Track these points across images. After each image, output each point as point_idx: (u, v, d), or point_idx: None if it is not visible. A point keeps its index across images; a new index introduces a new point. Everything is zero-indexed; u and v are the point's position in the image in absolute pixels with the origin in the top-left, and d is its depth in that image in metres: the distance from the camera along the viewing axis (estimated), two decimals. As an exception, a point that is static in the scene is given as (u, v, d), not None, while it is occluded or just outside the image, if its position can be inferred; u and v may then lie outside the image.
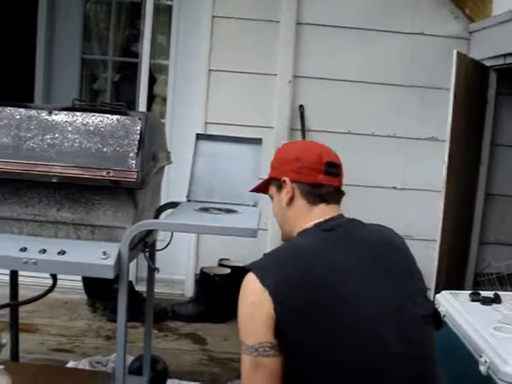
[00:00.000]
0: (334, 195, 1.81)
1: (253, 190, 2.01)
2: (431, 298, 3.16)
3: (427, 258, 3.30)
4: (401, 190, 3.78)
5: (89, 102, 4.27)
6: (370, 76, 3.73)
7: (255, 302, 1.53)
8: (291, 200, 1.77)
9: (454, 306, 2.47)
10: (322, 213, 1.75)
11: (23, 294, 2.67)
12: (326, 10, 3.71)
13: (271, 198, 1.87)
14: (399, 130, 3.76)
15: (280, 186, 1.80)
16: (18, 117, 2.14)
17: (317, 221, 1.72)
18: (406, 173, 3.77)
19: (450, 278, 3.37)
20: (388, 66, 3.75)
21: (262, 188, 1.93)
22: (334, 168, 1.82)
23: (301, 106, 3.71)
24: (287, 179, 1.77)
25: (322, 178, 1.77)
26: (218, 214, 2.27)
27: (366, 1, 3.71)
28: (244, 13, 3.69)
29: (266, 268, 1.57)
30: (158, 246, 2.54)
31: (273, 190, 1.85)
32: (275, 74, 3.70)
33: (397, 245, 1.78)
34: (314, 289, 1.52)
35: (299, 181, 1.77)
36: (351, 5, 3.71)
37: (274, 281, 1.52)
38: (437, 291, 3.06)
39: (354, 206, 3.66)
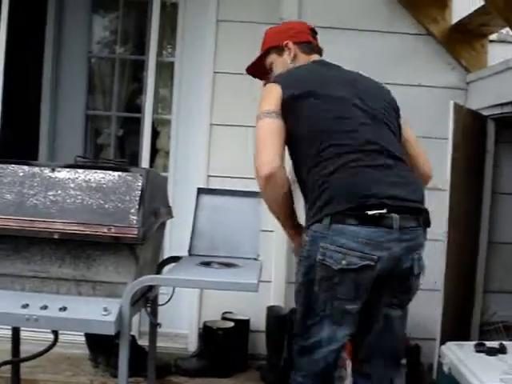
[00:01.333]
0: (320, 49, 2.48)
1: (250, 70, 2.55)
2: (436, 349, 3.14)
3: (431, 308, 3.30)
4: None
5: (93, 156, 4.35)
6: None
7: (273, 87, 2.20)
8: (295, 57, 2.37)
9: (459, 357, 2.45)
10: (318, 58, 2.42)
11: (25, 349, 2.66)
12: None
13: (270, 67, 2.41)
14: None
15: (281, 50, 2.38)
16: (21, 174, 2.18)
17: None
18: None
19: (455, 328, 3.34)
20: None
21: (259, 63, 2.45)
22: (314, 32, 2.49)
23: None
24: (289, 42, 2.37)
25: (311, 38, 2.45)
26: (220, 268, 2.28)
27: (362, 53, 3.77)
28: (244, 68, 3.76)
29: (280, 76, 2.29)
30: (161, 299, 2.54)
31: (273, 57, 2.40)
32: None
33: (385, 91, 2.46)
34: (304, 81, 2.22)
35: (297, 41, 2.39)
36: (347, 57, 3.74)
37: (282, 79, 2.23)
38: (442, 342, 3.04)
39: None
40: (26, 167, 2.20)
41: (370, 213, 2.01)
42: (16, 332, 2.65)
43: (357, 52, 3.76)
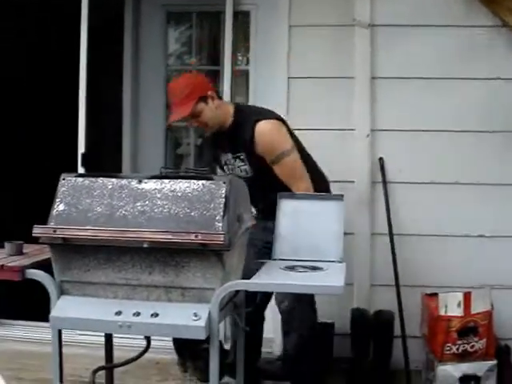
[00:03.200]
0: None
1: (175, 119, 3.01)
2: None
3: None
4: (490, 237, 3.67)
5: (173, 167, 4.44)
6: (448, 124, 3.70)
7: (281, 126, 3.01)
8: (218, 103, 2.97)
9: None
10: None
11: (116, 355, 2.75)
12: (399, 62, 3.73)
13: (197, 115, 2.91)
14: (483, 176, 3.68)
15: (205, 100, 2.91)
16: (110, 186, 2.27)
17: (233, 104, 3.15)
18: (495, 220, 3.67)
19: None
20: (467, 112, 3.71)
21: (186, 112, 2.88)
22: None
23: (380, 159, 3.72)
24: (213, 92, 2.97)
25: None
26: (304, 271, 2.29)
27: (439, 50, 3.71)
28: (318, 72, 3.77)
29: (272, 114, 3.09)
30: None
31: (201, 106, 2.90)
32: (353, 129, 3.74)
33: None
34: None
35: (215, 91, 3.04)
36: (424, 55, 3.72)
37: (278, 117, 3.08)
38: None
39: (440, 256, 3.65)
40: (114, 180, 2.29)
41: None
42: (109, 338, 2.74)
43: (433, 48, 3.71)
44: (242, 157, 3.03)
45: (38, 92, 5.58)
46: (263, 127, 2.94)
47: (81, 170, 4.02)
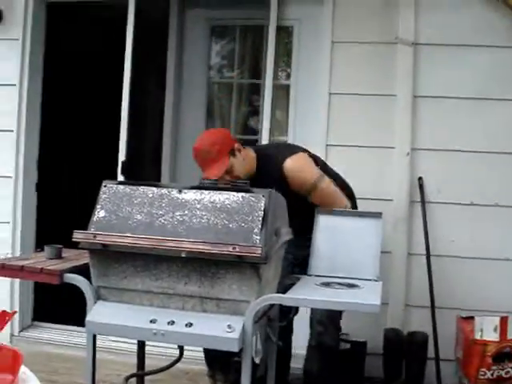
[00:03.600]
0: None
1: (214, 177, 2.82)
2: None
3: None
4: (533, 262, 3.60)
5: (214, 180, 4.47)
6: (489, 145, 3.66)
7: (307, 157, 3.04)
8: (244, 154, 2.98)
9: None
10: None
11: (146, 363, 2.76)
12: (441, 81, 3.71)
13: (230, 170, 2.88)
14: (525, 199, 3.62)
15: (234, 153, 2.91)
16: (150, 195, 2.30)
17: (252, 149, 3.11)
18: (534, 245, 3.61)
19: None
20: (508, 133, 3.66)
21: (223, 169, 2.86)
22: None
23: (420, 178, 3.69)
24: (238, 144, 2.98)
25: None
26: (340, 288, 2.28)
27: (480, 70, 3.67)
28: (360, 89, 3.77)
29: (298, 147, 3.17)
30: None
31: (232, 160, 2.90)
32: (393, 147, 3.72)
33: None
34: None
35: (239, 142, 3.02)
36: (467, 75, 3.69)
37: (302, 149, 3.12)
38: None
39: (477, 279, 3.59)
40: (154, 189, 2.32)
41: None
42: (142, 346, 2.76)
43: (475, 68, 3.68)
44: None
45: (81, 99, 5.69)
46: (291, 165, 2.92)
47: (120, 177, 4.08)
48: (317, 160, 3.11)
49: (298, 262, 2.81)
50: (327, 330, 3.13)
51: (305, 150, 3.10)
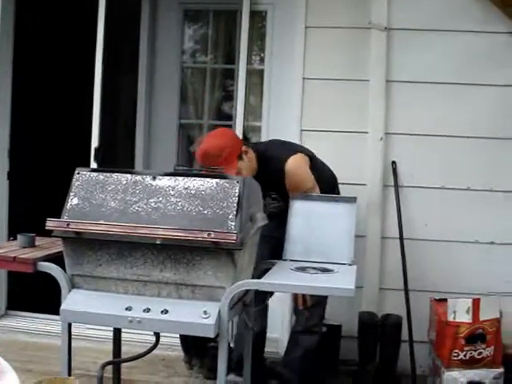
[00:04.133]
0: None
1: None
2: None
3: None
4: (499, 245, 3.66)
5: (186, 164, 4.46)
6: (462, 130, 3.69)
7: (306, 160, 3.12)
8: (250, 156, 2.98)
9: None
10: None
11: (122, 349, 2.76)
12: (415, 66, 3.72)
13: (239, 172, 2.80)
14: (495, 183, 3.67)
15: (241, 157, 2.90)
16: (124, 182, 2.28)
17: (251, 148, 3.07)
18: (506, 227, 3.66)
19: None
20: (481, 119, 3.69)
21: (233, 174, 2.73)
22: None
23: (393, 162, 3.71)
24: (245, 147, 2.96)
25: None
26: (315, 273, 2.30)
27: (455, 55, 3.69)
28: (333, 74, 3.77)
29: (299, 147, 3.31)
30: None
31: (240, 164, 2.88)
32: (367, 132, 3.73)
33: None
34: None
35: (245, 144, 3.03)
36: (440, 60, 3.71)
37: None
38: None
39: (449, 262, 3.64)
40: (128, 175, 2.30)
41: None
42: (118, 333, 2.76)
43: (448, 53, 3.70)
44: (273, 195, 3.08)
45: (53, 87, 5.61)
46: (290, 167, 3.01)
47: (93, 164, 4.04)
48: (311, 158, 3.16)
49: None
50: (314, 316, 3.17)
51: (302, 150, 3.16)
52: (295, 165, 3.02)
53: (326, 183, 3.13)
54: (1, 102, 4.13)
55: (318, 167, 3.17)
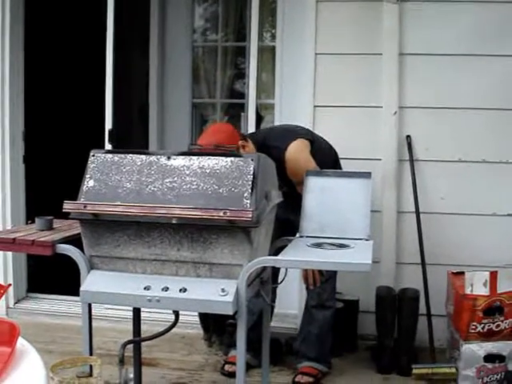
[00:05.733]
0: None
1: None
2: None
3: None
4: (517, 216, 3.64)
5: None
6: (477, 102, 3.65)
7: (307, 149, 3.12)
8: (248, 149, 2.95)
9: None
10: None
11: (142, 328, 2.79)
12: (428, 38, 3.69)
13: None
14: (511, 155, 3.64)
15: (238, 151, 2.84)
16: (139, 163, 2.29)
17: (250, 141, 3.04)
18: (522, 199, 3.64)
19: None
20: (496, 90, 3.65)
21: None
22: None
23: (408, 137, 3.69)
24: (243, 141, 2.93)
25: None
26: (331, 249, 2.30)
27: (468, 27, 3.64)
28: (346, 48, 3.74)
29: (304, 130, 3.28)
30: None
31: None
32: (380, 106, 3.71)
33: None
34: None
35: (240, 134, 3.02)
36: (453, 32, 3.66)
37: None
38: None
39: (466, 235, 3.63)
40: (143, 156, 2.31)
41: None
42: (137, 313, 2.78)
43: (461, 25, 3.65)
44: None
45: (67, 70, 5.62)
46: (290, 154, 3.04)
47: (108, 146, 4.06)
48: (312, 141, 3.16)
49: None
50: (326, 290, 3.20)
51: (301, 135, 3.15)
52: (295, 151, 3.04)
53: (327, 164, 3.10)
54: (14, 85, 4.14)
55: (319, 148, 3.18)
